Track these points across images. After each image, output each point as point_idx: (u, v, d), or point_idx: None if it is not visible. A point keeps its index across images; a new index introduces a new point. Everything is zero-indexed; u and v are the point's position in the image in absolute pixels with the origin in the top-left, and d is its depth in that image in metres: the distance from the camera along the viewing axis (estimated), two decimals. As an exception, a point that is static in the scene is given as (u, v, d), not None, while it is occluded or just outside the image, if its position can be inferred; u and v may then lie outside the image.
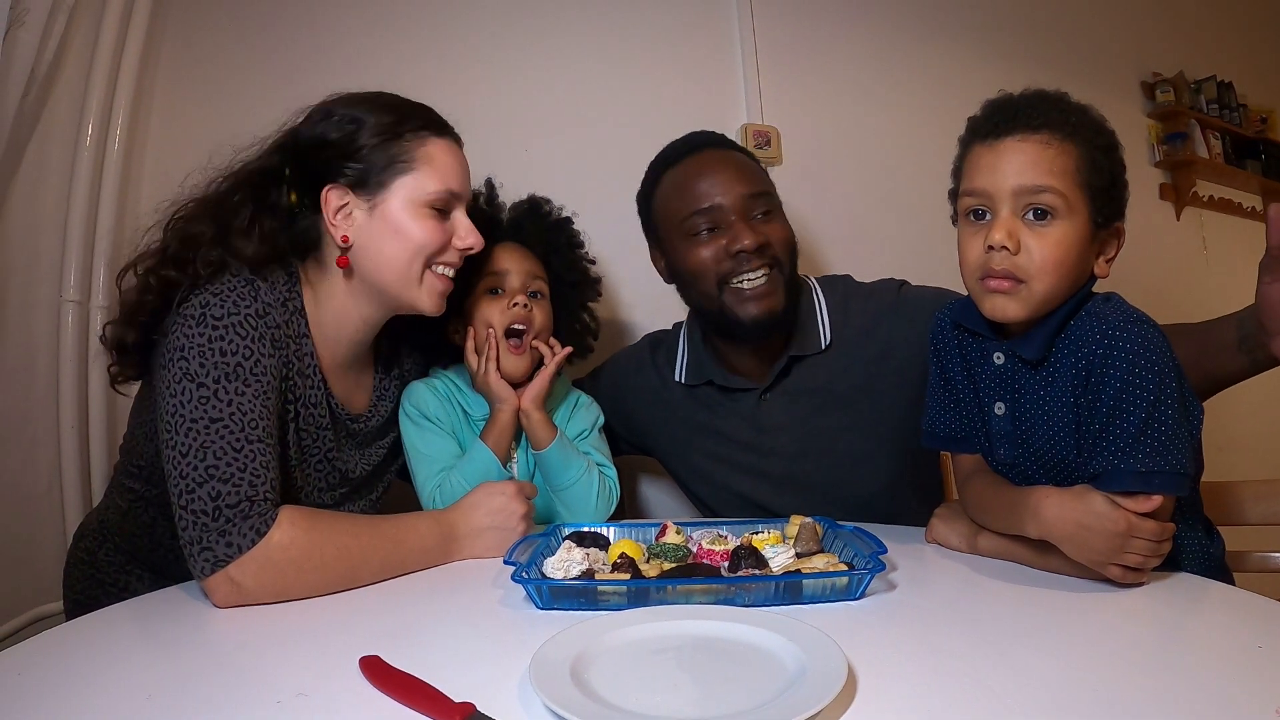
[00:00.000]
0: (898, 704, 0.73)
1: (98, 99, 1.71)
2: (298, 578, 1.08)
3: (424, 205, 1.29)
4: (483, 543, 1.27)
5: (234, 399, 1.12)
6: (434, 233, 1.30)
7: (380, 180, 1.28)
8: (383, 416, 1.47)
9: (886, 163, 2.50)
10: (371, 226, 1.29)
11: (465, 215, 1.36)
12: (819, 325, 1.61)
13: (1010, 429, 1.20)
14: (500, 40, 2.12)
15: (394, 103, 1.33)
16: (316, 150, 1.28)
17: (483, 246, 1.38)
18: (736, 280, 1.52)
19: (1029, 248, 1.09)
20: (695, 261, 1.55)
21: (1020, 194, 1.09)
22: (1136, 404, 1.03)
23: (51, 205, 1.70)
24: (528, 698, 0.75)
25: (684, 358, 1.72)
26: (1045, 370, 1.15)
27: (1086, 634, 0.91)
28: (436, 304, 1.35)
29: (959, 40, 2.72)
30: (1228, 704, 0.71)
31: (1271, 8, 4.08)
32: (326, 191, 1.27)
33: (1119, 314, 1.08)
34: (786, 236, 1.57)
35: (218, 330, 1.15)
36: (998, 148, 1.12)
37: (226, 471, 1.08)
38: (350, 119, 1.29)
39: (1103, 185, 1.11)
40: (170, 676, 0.84)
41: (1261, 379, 1.23)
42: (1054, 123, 1.10)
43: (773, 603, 1.01)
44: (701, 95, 2.33)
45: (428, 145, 1.31)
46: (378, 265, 1.30)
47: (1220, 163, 3.62)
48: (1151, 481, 1.01)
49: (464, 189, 1.36)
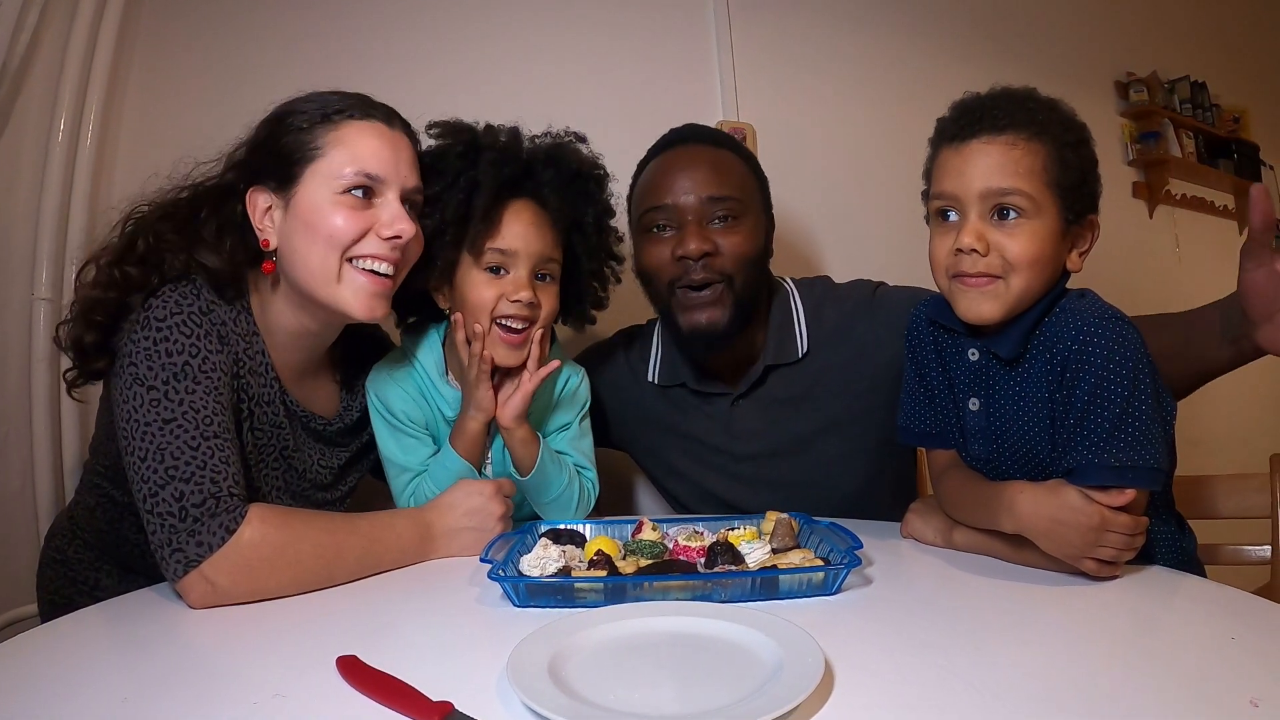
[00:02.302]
0: (875, 697, 0.74)
1: (70, 95, 1.69)
2: (272, 575, 1.07)
3: (337, 193, 1.20)
4: (459, 542, 1.27)
5: (184, 398, 1.11)
6: (348, 221, 1.20)
7: (292, 173, 1.21)
8: (352, 420, 1.44)
9: (862, 160, 2.51)
10: (289, 225, 1.22)
11: (396, 201, 1.24)
12: (796, 333, 1.57)
13: (985, 424, 1.21)
14: (476, 37, 2.11)
15: (325, 95, 1.25)
16: (253, 157, 1.25)
17: (411, 236, 1.25)
18: (681, 286, 1.48)
19: (999, 246, 1.10)
20: (649, 259, 1.52)
21: (987, 196, 1.10)
22: (1111, 399, 1.04)
23: (23, 202, 1.68)
24: (506, 696, 0.75)
25: (657, 357, 1.68)
26: (1020, 367, 1.16)
27: (1062, 627, 0.92)
28: (365, 306, 1.23)
29: (934, 38, 2.73)
30: (1204, 695, 0.72)
31: (1245, 9, 4.13)
32: (250, 194, 1.23)
33: (1093, 310, 1.09)
34: (743, 249, 1.48)
35: (161, 332, 1.13)
36: (964, 151, 1.13)
37: (186, 471, 1.07)
38: (277, 118, 1.24)
39: (1072, 182, 1.12)
40: (146, 679, 0.84)
41: (1242, 374, 1.25)
42: (1019, 122, 1.11)
43: (749, 598, 1.01)
44: (677, 92, 2.32)
45: (342, 129, 1.22)
46: (294, 264, 1.22)
47: (1193, 162, 3.66)
48: (1126, 476, 1.02)
49: (387, 172, 1.23)
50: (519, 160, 1.39)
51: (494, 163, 1.35)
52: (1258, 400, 3.75)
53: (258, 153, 1.24)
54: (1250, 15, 4.17)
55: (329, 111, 1.22)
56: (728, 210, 1.47)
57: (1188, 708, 0.70)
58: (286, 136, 1.22)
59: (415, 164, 1.29)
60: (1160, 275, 3.38)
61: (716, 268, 1.46)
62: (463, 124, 1.41)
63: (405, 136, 1.29)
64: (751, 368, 1.58)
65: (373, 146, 1.23)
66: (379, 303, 1.25)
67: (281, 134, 1.22)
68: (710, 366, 1.61)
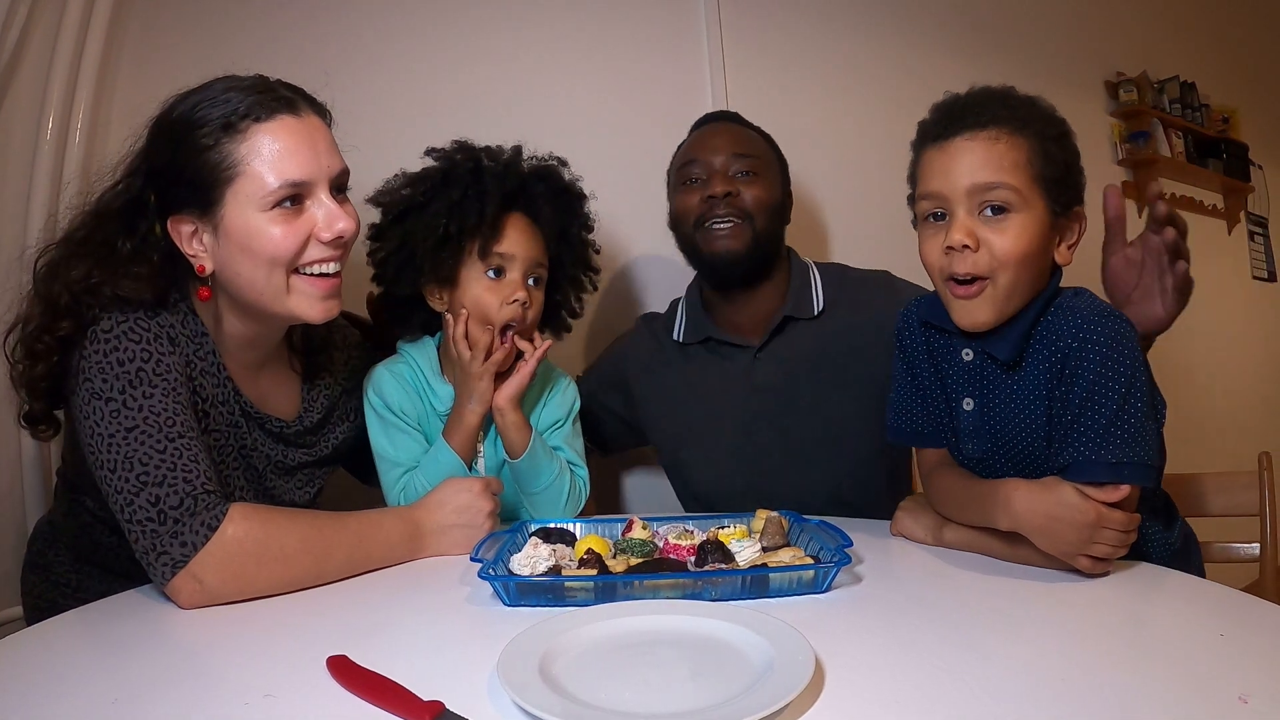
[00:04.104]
0: (865, 695, 0.74)
1: (59, 92, 1.68)
2: (260, 571, 1.07)
3: (265, 209, 1.14)
4: (449, 540, 1.26)
5: (143, 403, 1.10)
6: (287, 236, 1.15)
7: (212, 197, 1.14)
8: (312, 421, 1.41)
9: (850, 155, 2.51)
10: (222, 249, 1.16)
11: (328, 197, 1.19)
12: (813, 293, 1.74)
13: (979, 424, 1.21)
14: (467, 33, 2.10)
15: (216, 95, 1.15)
16: (156, 176, 1.17)
17: (353, 230, 1.22)
18: (708, 223, 1.68)
19: (989, 243, 1.11)
20: (680, 205, 1.74)
21: (974, 192, 1.11)
22: (1108, 397, 1.05)
23: (11, 200, 1.67)
24: (497, 695, 0.75)
25: (682, 318, 1.82)
26: (1019, 368, 1.16)
27: (1052, 623, 0.93)
28: (321, 311, 1.22)
29: (923, 35, 2.74)
30: (1193, 691, 0.73)
31: (1234, 9, 4.14)
32: (172, 223, 1.17)
33: (1091, 309, 1.10)
34: (762, 196, 1.68)
35: (110, 343, 1.11)
36: (948, 149, 1.13)
37: (157, 474, 1.06)
38: (174, 132, 1.15)
39: (1056, 175, 1.12)
40: (136, 680, 0.83)
41: (1223, 372, 1.26)
42: (1001, 118, 1.12)
43: (740, 597, 1.01)
44: (666, 84, 2.33)
45: (251, 138, 1.13)
46: (239, 286, 1.18)
47: (1182, 161, 3.67)
48: (1121, 472, 1.04)
49: (308, 172, 1.16)
50: (519, 175, 1.50)
51: (499, 176, 1.47)
52: (1246, 399, 3.77)
53: (163, 179, 1.17)
54: (1240, 16, 4.19)
55: (231, 119, 1.13)
56: (749, 166, 1.70)
57: (1177, 704, 0.70)
58: (193, 160, 1.13)
59: (333, 144, 1.23)
60: (1149, 274, 3.39)
61: (738, 205, 1.67)
62: (469, 145, 1.51)
63: (316, 116, 1.21)
64: (770, 320, 1.72)
65: (289, 148, 1.15)
66: (333, 303, 1.24)
67: (186, 157, 1.14)
68: (733, 319, 1.76)
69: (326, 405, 1.44)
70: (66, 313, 1.14)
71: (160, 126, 1.18)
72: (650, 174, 1.87)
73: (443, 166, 1.48)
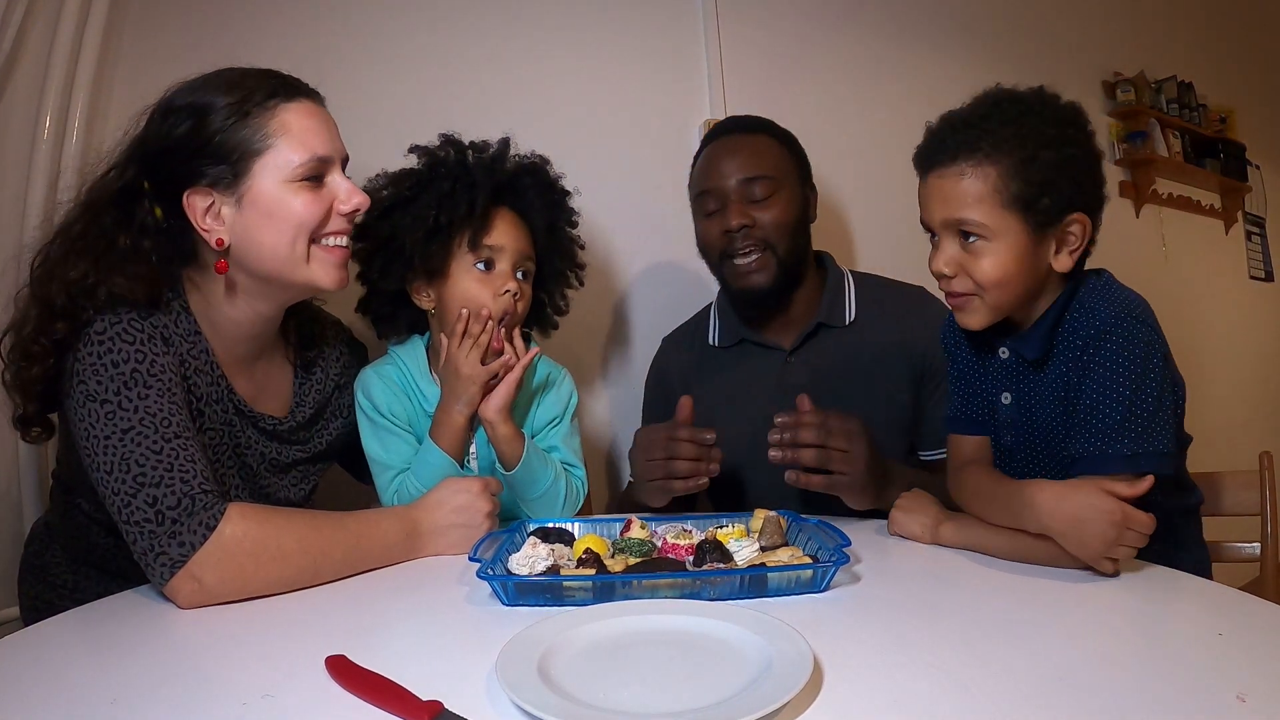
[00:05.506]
0: (864, 695, 0.74)
1: (55, 93, 1.68)
2: (258, 570, 1.07)
3: (293, 180, 1.21)
4: (447, 540, 1.27)
5: (139, 404, 1.10)
6: (311, 205, 1.22)
7: (239, 169, 1.18)
8: (304, 417, 1.42)
9: (849, 159, 2.51)
10: (244, 219, 1.20)
11: (342, 175, 1.27)
12: (845, 302, 1.76)
13: (1016, 417, 1.26)
14: (464, 35, 2.10)
15: (233, 79, 1.21)
16: (166, 155, 1.19)
17: (368, 205, 1.30)
18: (731, 257, 1.69)
19: (969, 268, 1.16)
20: (703, 236, 1.77)
21: (946, 226, 1.17)
22: (1119, 395, 1.08)
23: (9, 202, 1.66)
24: (495, 694, 0.75)
25: (716, 323, 1.86)
26: (1047, 366, 1.20)
27: (1050, 623, 0.93)
28: (336, 277, 1.27)
29: (921, 37, 2.74)
30: (1191, 690, 0.73)
31: (1232, 9, 4.15)
32: (188, 197, 1.19)
33: (1106, 303, 1.14)
34: (780, 219, 1.68)
35: (104, 344, 1.12)
36: (925, 185, 1.21)
37: (154, 475, 1.07)
38: (191, 111, 1.19)
39: (1033, 194, 1.12)
40: (134, 680, 0.83)
41: (1221, 372, 1.27)
42: (966, 149, 1.14)
43: (738, 596, 1.01)
44: (665, 90, 2.33)
45: (280, 115, 1.20)
46: (260, 257, 1.22)
47: (1180, 161, 3.68)
48: (1138, 463, 1.06)
49: (331, 150, 1.25)
50: (507, 168, 1.52)
51: (488, 168, 1.48)
52: (1244, 398, 3.77)
53: (174, 157, 1.19)
54: (1237, 16, 4.20)
55: (259, 99, 1.20)
56: (763, 189, 1.68)
57: (1175, 703, 0.70)
58: (220, 134, 1.18)
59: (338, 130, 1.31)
60: (1147, 274, 3.39)
61: (757, 237, 1.68)
62: (455, 139, 1.53)
63: (324, 106, 1.30)
64: (803, 326, 1.75)
65: (316, 129, 1.24)
66: (345, 272, 1.30)
67: (211, 132, 1.18)
68: (767, 322, 1.79)
69: (318, 401, 1.44)
70: (62, 314, 1.14)
71: (172, 107, 1.20)
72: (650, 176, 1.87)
73: (430, 161, 1.49)
